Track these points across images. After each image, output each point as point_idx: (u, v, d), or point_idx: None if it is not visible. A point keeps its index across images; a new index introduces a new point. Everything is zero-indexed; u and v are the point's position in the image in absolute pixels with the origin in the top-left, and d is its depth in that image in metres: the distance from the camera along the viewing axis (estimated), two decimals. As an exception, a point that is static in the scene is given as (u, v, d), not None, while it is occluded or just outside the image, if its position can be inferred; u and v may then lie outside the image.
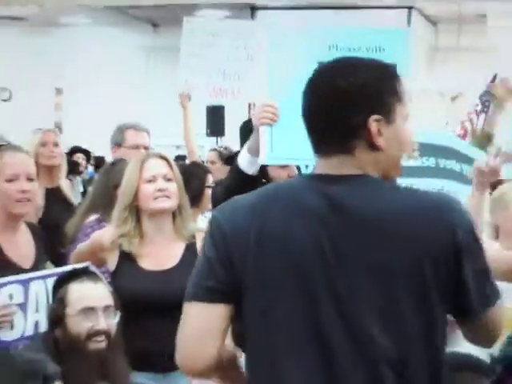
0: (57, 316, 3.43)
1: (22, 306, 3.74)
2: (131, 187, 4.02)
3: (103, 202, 4.50)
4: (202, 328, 2.28)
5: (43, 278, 3.84)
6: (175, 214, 4.06)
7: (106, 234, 4.05)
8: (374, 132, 2.23)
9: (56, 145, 5.80)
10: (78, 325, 3.37)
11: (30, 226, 4.12)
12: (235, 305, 2.29)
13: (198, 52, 5.17)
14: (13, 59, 19.55)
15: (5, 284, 3.72)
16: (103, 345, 3.38)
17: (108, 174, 4.81)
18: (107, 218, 4.26)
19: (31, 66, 19.99)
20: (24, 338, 3.69)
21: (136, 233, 4.02)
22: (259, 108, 4.08)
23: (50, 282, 3.78)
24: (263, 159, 4.04)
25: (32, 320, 3.78)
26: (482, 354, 3.78)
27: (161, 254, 4.05)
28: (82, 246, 4.14)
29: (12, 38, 19.82)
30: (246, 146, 4.12)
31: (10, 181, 3.93)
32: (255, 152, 4.05)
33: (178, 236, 4.08)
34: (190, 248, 4.06)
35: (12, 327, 3.68)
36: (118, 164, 4.85)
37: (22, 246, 4.04)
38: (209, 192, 5.40)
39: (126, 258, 4.01)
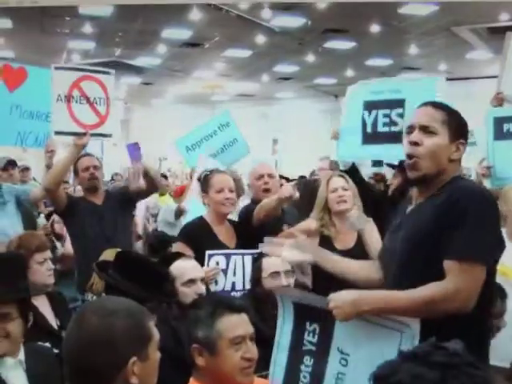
0: (256, 279, 3.53)
1: (224, 271, 3.80)
2: (322, 195, 4.05)
3: (305, 204, 4.48)
4: None
5: (242, 254, 3.89)
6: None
7: (312, 224, 4.03)
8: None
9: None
10: (269, 283, 3.42)
11: (230, 221, 4.19)
12: None
13: None
14: (245, 121, 19.63)
15: (213, 255, 3.81)
16: (286, 296, 3.48)
17: (308, 186, 4.96)
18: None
19: (257, 125, 20.39)
20: (223, 292, 3.75)
21: (331, 223, 4.01)
22: None
23: (248, 257, 3.86)
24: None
25: (230, 281, 3.84)
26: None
27: (344, 238, 4.01)
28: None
29: (245, 108, 20.41)
30: None
31: (218, 192, 3.99)
32: None
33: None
34: (360, 234, 4.02)
35: (216, 283, 3.76)
36: (315, 181, 5.17)
37: (228, 233, 4.08)
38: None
39: (325, 240, 3.96)
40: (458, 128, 2.31)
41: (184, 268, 3.27)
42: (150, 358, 1.71)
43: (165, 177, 9.98)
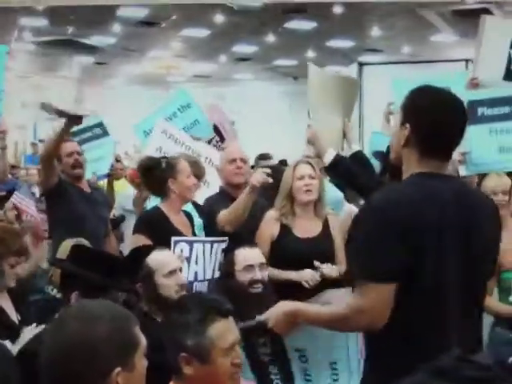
0: (228, 271, 3.45)
1: (187, 259, 3.71)
2: (287, 182, 3.97)
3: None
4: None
5: (203, 242, 3.84)
6: (316, 201, 3.98)
7: (273, 213, 3.99)
8: None
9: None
10: (243, 276, 3.37)
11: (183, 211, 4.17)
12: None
13: None
14: (201, 103, 19.54)
15: (178, 241, 3.70)
16: (260, 289, 3.35)
17: (276, 172, 4.88)
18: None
19: (214, 107, 20.48)
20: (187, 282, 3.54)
21: (291, 212, 3.94)
22: None
23: (207, 245, 3.78)
24: None
25: (192, 270, 3.74)
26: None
27: (307, 226, 3.97)
28: None
29: (200, 89, 20.34)
30: None
31: (188, 177, 3.97)
32: None
33: (317, 216, 3.99)
34: (325, 224, 3.98)
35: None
36: (281, 167, 5.13)
37: (185, 223, 4.05)
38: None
39: (285, 228, 3.93)
40: (404, 111, 2.24)
41: (163, 259, 3.20)
42: (135, 367, 1.60)
43: (117, 160, 9.75)
